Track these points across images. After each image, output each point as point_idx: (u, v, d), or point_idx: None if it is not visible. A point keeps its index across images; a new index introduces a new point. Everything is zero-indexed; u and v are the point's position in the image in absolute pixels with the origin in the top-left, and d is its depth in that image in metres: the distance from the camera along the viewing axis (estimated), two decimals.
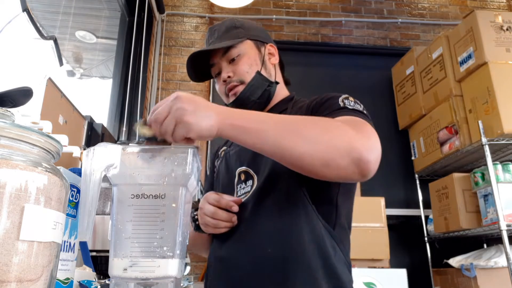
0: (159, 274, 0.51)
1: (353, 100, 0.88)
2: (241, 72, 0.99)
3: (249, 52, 1.01)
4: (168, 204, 0.54)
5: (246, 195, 0.91)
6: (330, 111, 0.84)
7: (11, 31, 1.49)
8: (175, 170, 0.54)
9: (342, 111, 0.82)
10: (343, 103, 0.85)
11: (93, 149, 0.52)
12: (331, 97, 0.89)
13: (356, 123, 0.75)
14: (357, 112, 0.82)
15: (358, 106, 0.85)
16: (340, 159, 0.67)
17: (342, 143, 0.67)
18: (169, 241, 0.53)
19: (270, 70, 1.04)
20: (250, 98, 0.98)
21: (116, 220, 0.53)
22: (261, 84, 0.99)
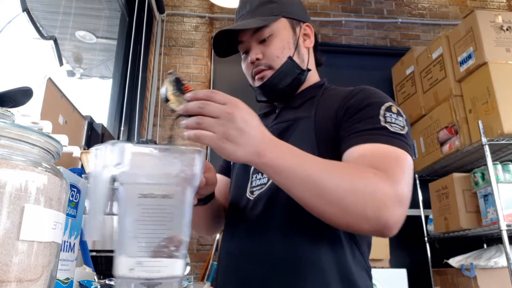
0: (166, 274, 0.51)
1: (396, 111, 0.77)
2: (271, 56, 0.90)
3: (283, 33, 0.91)
4: (175, 204, 0.53)
5: (261, 187, 0.84)
6: (367, 131, 0.73)
7: (11, 31, 1.49)
8: (183, 170, 0.54)
9: (380, 136, 0.72)
10: (384, 119, 0.74)
11: (103, 147, 0.51)
12: (372, 103, 0.78)
13: (392, 169, 0.67)
14: (397, 138, 0.72)
15: (399, 122, 0.75)
16: (365, 225, 0.64)
17: (371, 211, 0.62)
18: (176, 241, 0.53)
19: (303, 55, 0.94)
20: (277, 85, 0.90)
21: (123, 219, 0.52)
22: (292, 72, 0.91)
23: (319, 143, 0.80)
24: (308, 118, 0.85)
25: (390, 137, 0.72)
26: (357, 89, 0.85)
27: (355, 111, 0.78)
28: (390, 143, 0.71)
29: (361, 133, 0.74)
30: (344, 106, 0.81)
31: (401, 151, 0.71)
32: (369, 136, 0.72)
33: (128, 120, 2.67)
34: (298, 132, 0.85)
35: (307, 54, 0.96)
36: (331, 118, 0.81)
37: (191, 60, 3.11)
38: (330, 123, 0.81)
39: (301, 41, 0.94)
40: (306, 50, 0.96)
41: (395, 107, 0.79)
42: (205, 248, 2.68)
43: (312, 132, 0.82)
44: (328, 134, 0.81)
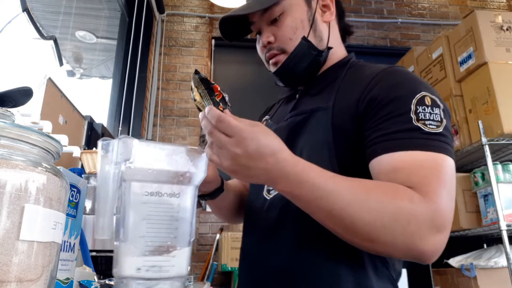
0: (172, 274, 0.51)
1: (429, 102, 0.65)
2: (283, 39, 0.80)
3: (295, 10, 0.80)
4: (182, 203, 0.53)
5: None
6: (397, 134, 0.63)
7: (11, 31, 1.49)
8: (191, 169, 0.54)
9: (413, 140, 0.62)
10: (416, 117, 0.63)
11: (112, 143, 0.51)
12: (400, 96, 0.66)
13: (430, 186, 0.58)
14: (433, 139, 0.62)
15: (435, 117, 0.64)
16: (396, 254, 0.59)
17: (402, 243, 0.56)
18: (182, 240, 0.53)
19: (321, 32, 0.82)
20: (293, 70, 0.81)
21: (129, 218, 0.51)
22: (307, 54, 0.80)
23: (336, 141, 0.70)
24: (325, 110, 0.74)
25: (424, 139, 0.62)
26: (382, 72, 0.72)
27: (381, 106, 0.66)
28: (425, 149, 0.61)
29: (391, 136, 0.63)
30: (366, 97, 0.69)
31: (440, 156, 0.61)
32: (400, 141, 0.62)
33: (128, 120, 2.67)
34: (313, 127, 0.75)
35: (327, 29, 0.83)
36: (350, 110, 0.70)
37: (191, 60, 3.11)
38: (348, 117, 0.70)
39: (318, 16, 0.83)
40: (325, 25, 0.83)
41: (429, 96, 0.66)
42: (205, 248, 2.68)
43: (329, 128, 0.71)
44: (347, 129, 0.70)
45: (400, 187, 0.59)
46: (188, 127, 2.94)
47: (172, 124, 2.95)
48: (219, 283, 2.59)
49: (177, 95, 3.01)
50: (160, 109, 2.95)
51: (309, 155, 0.72)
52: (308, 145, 0.74)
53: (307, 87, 0.85)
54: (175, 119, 2.96)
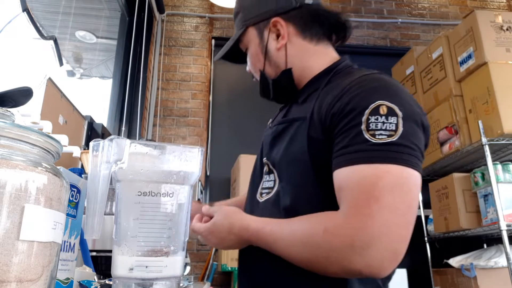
0: (166, 274, 0.50)
1: (385, 111, 0.64)
2: (253, 69, 0.92)
3: (251, 46, 0.88)
4: (175, 203, 0.53)
5: (269, 192, 0.80)
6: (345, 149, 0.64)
7: (11, 31, 1.49)
8: (183, 168, 0.54)
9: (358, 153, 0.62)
10: (366, 128, 0.63)
11: (102, 143, 0.51)
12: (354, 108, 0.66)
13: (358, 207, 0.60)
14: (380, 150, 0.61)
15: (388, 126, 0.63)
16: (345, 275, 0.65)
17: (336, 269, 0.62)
18: (176, 240, 0.52)
19: (276, 59, 0.85)
20: (268, 96, 0.91)
21: (121, 218, 0.52)
22: (266, 84, 0.88)
23: (311, 152, 0.71)
24: (303, 121, 0.75)
25: (369, 151, 0.62)
26: (352, 82, 0.71)
27: (338, 119, 0.68)
28: (368, 161, 0.61)
29: (342, 151, 0.65)
30: (330, 112, 0.70)
31: (383, 168, 0.60)
32: (347, 156, 0.64)
33: (128, 120, 2.67)
34: (290, 138, 0.77)
35: (283, 53, 0.84)
36: (321, 122, 0.71)
37: (191, 60, 3.11)
38: (319, 129, 0.71)
39: (271, 46, 0.85)
40: (280, 51, 0.85)
41: (387, 105, 0.64)
42: (205, 248, 2.68)
43: (304, 140, 0.73)
44: (321, 140, 0.71)
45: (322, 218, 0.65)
46: (188, 127, 2.94)
47: (172, 124, 2.95)
48: (219, 283, 2.59)
49: (177, 95, 3.01)
50: (160, 109, 2.95)
51: (289, 162, 0.76)
52: (287, 154, 0.77)
53: (296, 96, 0.86)
54: (175, 119, 2.96)
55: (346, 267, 0.60)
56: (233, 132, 2.98)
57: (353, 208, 0.61)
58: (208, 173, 2.89)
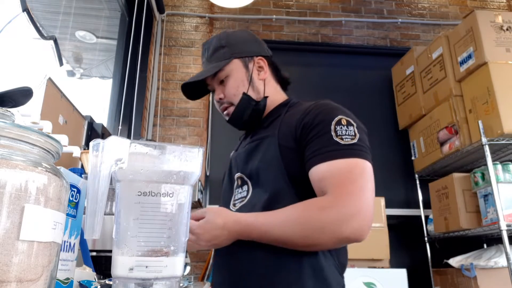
0: (166, 274, 0.50)
1: (345, 122, 0.87)
2: (229, 95, 1.03)
3: (236, 73, 1.04)
4: (175, 202, 0.53)
5: (242, 200, 0.96)
6: (321, 149, 0.85)
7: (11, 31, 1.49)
8: (183, 168, 0.54)
9: (333, 152, 0.83)
10: (335, 134, 0.85)
11: (102, 142, 0.50)
12: (323, 120, 0.88)
13: (344, 188, 0.80)
14: (348, 149, 0.83)
15: (350, 132, 0.86)
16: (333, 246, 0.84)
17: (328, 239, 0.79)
18: (176, 240, 0.52)
19: (258, 86, 1.06)
20: (241, 118, 1.04)
21: (121, 218, 0.52)
22: (248, 105, 1.03)
23: (284, 158, 0.91)
24: (273, 136, 0.95)
25: (341, 150, 0.83)
26: (312, 105, 0.94)
27: (309, 129, 0.89)
28: (342, 157, 0.82)
29: (317, 152, 0.85)
30: (301, 124, 0.91)
31: (354, 161, 0.82)
32: (324, 155, 0.84)
33: (128, 120, 2.67)
34: (264, 150, 0.95)
35: (263, 84, 1.07)
36: (292, 134, 0.92)
37: (191, 60, 3.11)
38: (291, 139, 0.92)
39: (255, 75, 1.06)
40: (261, 82, 1.07)
41: (345, 118, 0.88)
42: None
43: (277, 149, 0.92)
44: (291, 149, 0.91)
45: (311, 202, 0.82)
46: (188, 127, 2.94)
47: (172, 124, 2.94)
48: None
49: (177, 95, 3.01)
50: (160, 109, 2.95)
51: (265, 168, 0.93)
52: (263, 162, 0.94)
53: (259, 125, 1.06)
54: (175, 119, 2.96)
55: (338, 235, 0.78)
56: (233, 132, 2.98)
57: (338, 189, 0.80)
58: (208, 173, 2.88)
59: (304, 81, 3.05)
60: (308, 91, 3.03)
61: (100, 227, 0.49)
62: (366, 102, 3.04)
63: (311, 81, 3.08)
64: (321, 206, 0.80)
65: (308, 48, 3.26)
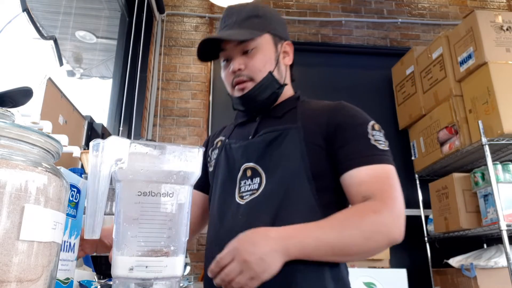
0: (166, 274, 0.50)
1: (378, 128, 0.88)
2: (253, 69, 0.94)
3: (266, 48, 0.96)
4: (175, 203, 0.53)
5: (253, 193, 0.89)
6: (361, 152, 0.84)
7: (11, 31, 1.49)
8: (183, 168, 0.54)
9: (372, 157, 0.84)
10: (372, 138, 0.85)
11: (102, 142, 0.50)
12: (360, 123, 0.88)
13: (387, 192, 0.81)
14: (384, 155, 0.85)
15: (382, 138, 0.87)
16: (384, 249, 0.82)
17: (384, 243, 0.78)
18: (176, 240, 0.52)
19: (282, 71, 1.00)
20: (257, 97, 0.96)
21: (121, 218, 0.52)
22: (271, 86, 0.96)
23: (309, 152, 0.88)
24: (296, 129, 0.91)
25: (379, 155, 0.84)
26: (339, 104, 0.93)
27: (346, 129, 0.87)
28: (380, 162, 0.84)
29: (357, 154, 0.85)
30: (334, 122, 0.89)
31: (389, 167, 0.84)
32: (364, 158, 0.84)
33: (128, 120, 2.67)
34: (288, 141, 0.90)
35: (285, 70, 1.02)
36: (321, 130, 0.89)
37: (191, 60, 3.11)
38: (319, 135, 0.89)
39: (281, 58, 1.00)
40: (284, 67, 1.01)
41: (376, 124, 0.90)
42: (205, 248, 2.68)
43: (302, 142, 0.88)
44: (317, 144, 0.88)
45: (363, 206, 0.80)
46: (188, 127, 2.94)
47: (172, 124, 2.94)
48: None
49: (177, 95, 3.01)
50: (160, 109, 2.95)
51: (286, 162, 0.88)
52: (285, 155, 0.89)
53: (268, 113, 1.00)
54: (175, 119, 2.96)
55: (391, 236, 0.78)
56: None
57: (385, 194, 0.80)
58: None
59: (304, 81, 3.04)
60: (308, 91, 3.02)
61: (100, 227, 0.49)
62: (366, 102, 3.02)
63: (311, 81, 3.08)
64: (375, 209, 0.79)
65: (308, 48, 3.26)
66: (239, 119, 1.06)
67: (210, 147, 1.09)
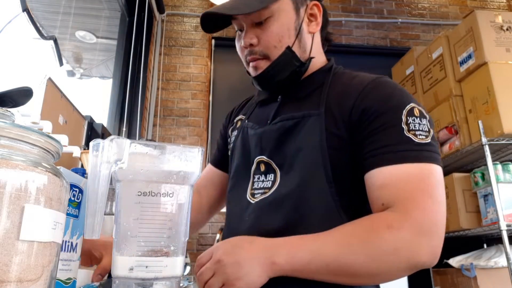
0: (166, 274, 0.50)
1: (418, 113, 0.69)
2: (267, 44, 0.78)
3: (283, 16, 0.77)
4: (175, 202, 0.53)
5: (264, 192, 0.76)
6: (390, 147, 0.66)
7: (11, 31, 1.49)
8: (183, 168, 0.54)
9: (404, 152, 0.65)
10: (407, 128, 0.66)
11: (102, 142, 0.50)
12: (392, 108, 0.69)
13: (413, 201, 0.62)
14: (423, 150, 0.66)
15: (424, 127, 0.68)
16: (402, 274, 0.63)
17: (401, 266, 0.61)
18: (176, 240, 0.52)
19: (305, 42, 0.81)
20: (274, 78, 0.79)
21: (121, 218, 0.52)
22: (290, 65, 0.79)
23: (330, 145, 0.72)
24: (318, 116, 0.74)
25: (415, 151, 0.65)
26: (372, 83, 0.74)
27: (374, 116, 0.69)
28: (414, 161, 0.65)
29: (383, 149, 0.67)
30: (359, 107, 0.71)
31: (426, 167, 0.65)
32: (391, 155, 0.66)
33: (128, 120, 2.67)
34: (306, 132, 0.75)
35: (311, 40, 0.82)
36: (344, 118, 0.72)
37: (191, 60, 3.11)
38: (341, 125, 0.72)
39: (304, 25, 0.81)
40: (310, 36, 0.82)
41: (417, 107, 0.70)
42: (205, 248, 2.68)
43: (323, 133, 0.72)
44: (338, 135, 0.72)
45: (378, 218, 0.63)
46: (188, 127, 2.94)
47: (172, 124, 2.95)
48: None
49: (177, 95, 3.01)
50: (160, 109, 2.95)
51: (303, 159, 0.73)
52: (302, 149, 0.74)
53: (290, 92, 0.84)
54: (175, 119, 2.96)
55: (415, 258, 0.60)
56: None
57: (408, 203, 0.62)
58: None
59: None
60: None
61: (100, 227, 0.49)
62: None
63: None
64: (389, 224, 0.61)
65: None
66: (260, 96, 0.90)
67: (230, 125, 0.96)
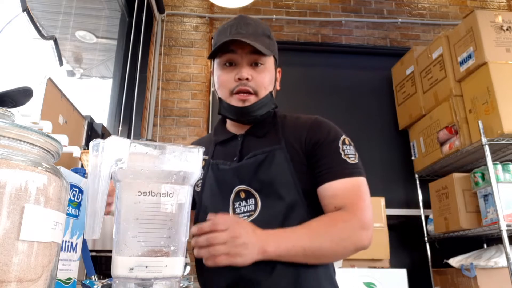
0: (166, 274, 0.50)
1: (348, 142, 0.95)
2: (260, 84, 0.97)
3: (271, 69, 1.00)
4: (175, 203, 0.53)
5: (251, 214, 0.93)
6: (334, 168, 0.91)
7: (11, 31, 1.49)
8: (183, 168, 0.54)
9: (343, 170, 0.91)
10: (343, 153, 0.93)
11: (102, 142, 0.50)
12: (333, 140, 0.94)
13: (356, 203, 0.88)
14: (355, 168, 0.92)
15: (352, 152, 0.94)
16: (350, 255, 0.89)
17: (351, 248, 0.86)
18: (176, 240, 0.52)
19: (274, 93, 1.04)
20: (255, 112, 0.97)
21: (121, 218, 0.52)
22: (269, 105, 0.99)
23: (296, 170, 0.93)
24: (281, 150, 0.95)
25: (350, 169, 0.91)
26: (312, 121, 0.99)
27: (321, 146, 0.94)
28: (351, 175, 0.91)
29: (330, 169, 0.92)
30: (311, 140, 0.95)
31: (359, 179, 0.91)
32: (336, 173, 0.91)
33: (128, 120, 2.67)
34: (277, 163, 0.94)
35: (275, 93, 1.06)
36: (301, 148, 0.95)
37: (191, 60, 3.11)
38: (301, 153, 0.95)
39: (276, 82, 1.05)
40: (275, 90, 1.05)
41: (347, 138, 0.96)
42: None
43: (289, 162, 0.94)
44: (300, 162, 0.95)
45: (334, 215, 0.88)
46: (188, 127, 2.94)
47: (172, 124, 2.94)
48: None
49: (177, 95, 3.01)
50: (160, 109, 2.95)
51: (280, 182, 0.93)
52: (278, 175, 0.94)
53: (249, 131, 1.02)
54: (175, 119, 2.96)
55: (359, 243, 0.86)
56: None
57: (353, 206, 0.89)
58: None
59: (304, 81, 3.05)
60: (308, 91, 3.03)
61: (100, 227, 0.49)
62: (366, 102, 3.04)
63: (311, 81, 3.08)
64: (343, 219, 0.87)
65: (308, 48, 3.26)
66: (220, 137, 1.06)
67: None
